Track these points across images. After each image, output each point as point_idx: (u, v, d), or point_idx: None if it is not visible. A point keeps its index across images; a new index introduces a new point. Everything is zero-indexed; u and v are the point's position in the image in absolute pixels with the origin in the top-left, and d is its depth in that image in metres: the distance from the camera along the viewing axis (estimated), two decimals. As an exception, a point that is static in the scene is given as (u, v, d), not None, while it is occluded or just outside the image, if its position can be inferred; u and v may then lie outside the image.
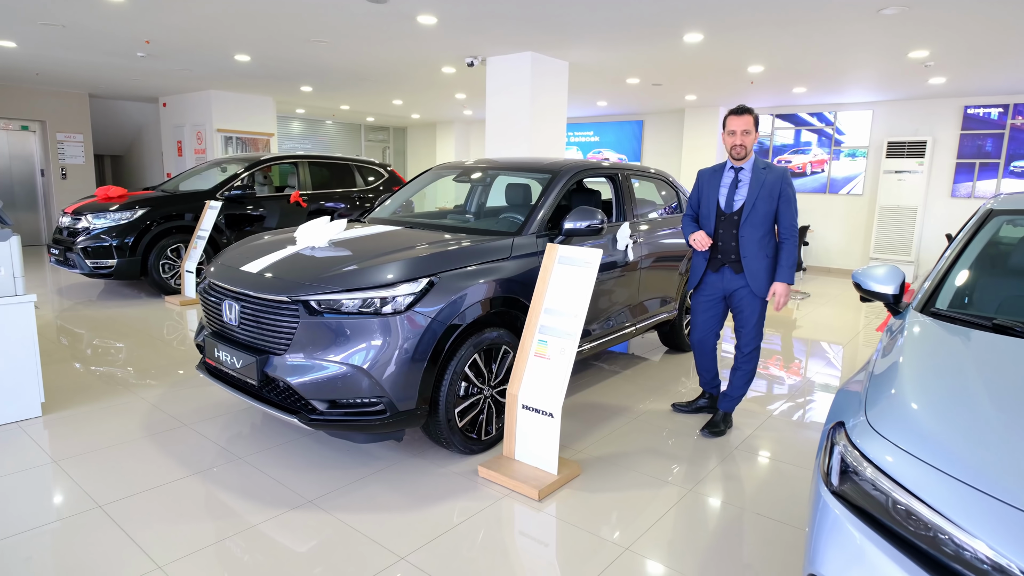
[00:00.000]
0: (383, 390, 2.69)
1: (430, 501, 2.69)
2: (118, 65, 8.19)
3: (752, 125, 3.22)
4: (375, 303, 2.73)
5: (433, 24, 5.64)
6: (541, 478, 2.80)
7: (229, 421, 3.48)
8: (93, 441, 3.18)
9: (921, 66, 6.87)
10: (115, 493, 2.68)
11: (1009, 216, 2.60)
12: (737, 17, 5.19)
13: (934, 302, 2.30)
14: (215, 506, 2.60)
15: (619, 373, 4.54)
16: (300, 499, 2.67)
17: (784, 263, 3.29)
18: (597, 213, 3.43)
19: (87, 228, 6.37)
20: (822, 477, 1.64)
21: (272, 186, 7.88)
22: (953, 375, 1.79)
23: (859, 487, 1.51)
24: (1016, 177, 8.75)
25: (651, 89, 9.12)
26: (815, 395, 4.24)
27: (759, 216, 3.26)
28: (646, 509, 2.68)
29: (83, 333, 5.20)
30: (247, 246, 3.45)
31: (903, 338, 2.06)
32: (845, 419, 1.70)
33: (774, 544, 2.46)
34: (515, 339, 3.21)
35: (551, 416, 2.80)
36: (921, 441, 1.48)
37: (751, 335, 3.43)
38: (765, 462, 3.19)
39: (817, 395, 4.24)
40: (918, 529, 1.37)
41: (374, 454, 3.11)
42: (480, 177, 4.64)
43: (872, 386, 1.79)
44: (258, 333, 2.86)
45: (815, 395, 4.24)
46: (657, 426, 3.60)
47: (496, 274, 3.12)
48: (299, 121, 14.53)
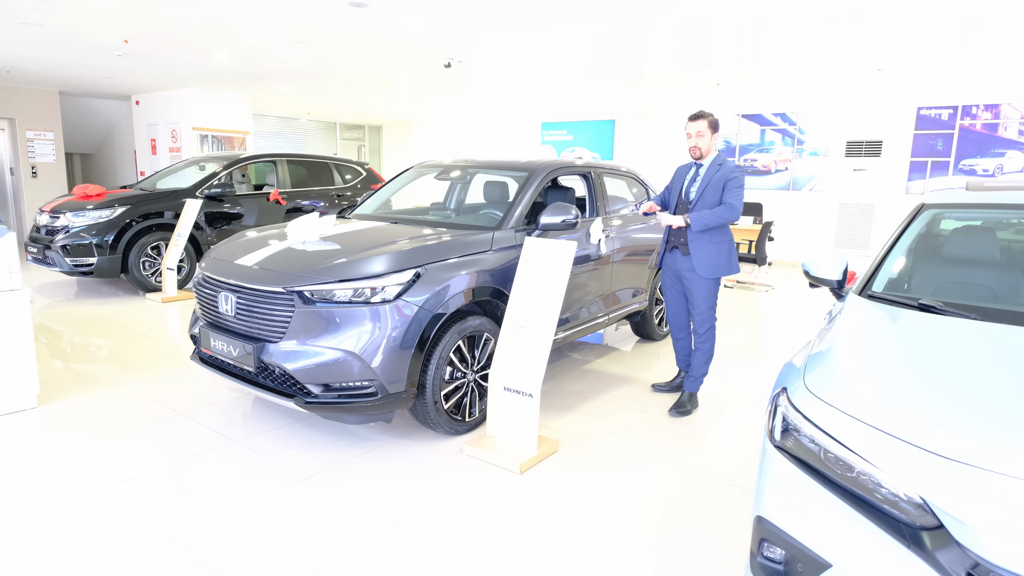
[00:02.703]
0: (374, 373, 2.89)
1: (419, 475, 2.90)
2: (94, 64, 8.19)
3: (705, 128, 3.60)
4: (365, 292, 2.93)
5: (411, 26, 5.82)
6: (522, 454, 3.03)
7: (222, 409, 3.63)
8: (92, 429, 3.31)
9: (874, 71, 7.28)
10: (120, 475, 2.83)
11: (937, 209, 2.91)
12: (700, 23, 5.48)
13: (871, 286, 2.59)
14: (218, 484, 2.77)
15: (593, 362, 4.80)
16: (297, 476, 2.86)
17: (704, 214, 3.55)
18: (571, 209, 3.67)
19: (66, 226, 6.40)
20: (767, 434, 1.90)
21: (251, 184, 7.97)
22: (880, 345, 2.07)
23: (798, 441, 1.77)
24: (965, 175, 9.25)
25: (622, 90, 9.42)
26: (771, 376, 4.54)
27: (706, 204, 3.61)
28: (619, 480, 2.93)
29: (66, 331, 5.27)
30: (240, 241, 3.61)
31: (840, 316, 2.33)
32: (787, 385, 1.97)
33: (742, 510, 2.73)
34: (496, 327, 3.43)
35: (530, 396, 3.03)
36: (849, 400, 1.74)
37: (703, 316, 3.74)
38: (729, 437, 3.46)
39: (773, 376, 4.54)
40: (845, 472, 1.63)
41: (365, 436, 3.30)
42: (460, 175, 4.85)
43: (811, 356, 2.06)
44: (254, 322, 3.03)
45: (771, 376, 4.54)
46: (629, 407, 3.85)
47: (478, 266, 3.34)
48: (274, 119, 14.52)
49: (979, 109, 9.07)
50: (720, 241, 3.69)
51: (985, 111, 9.05)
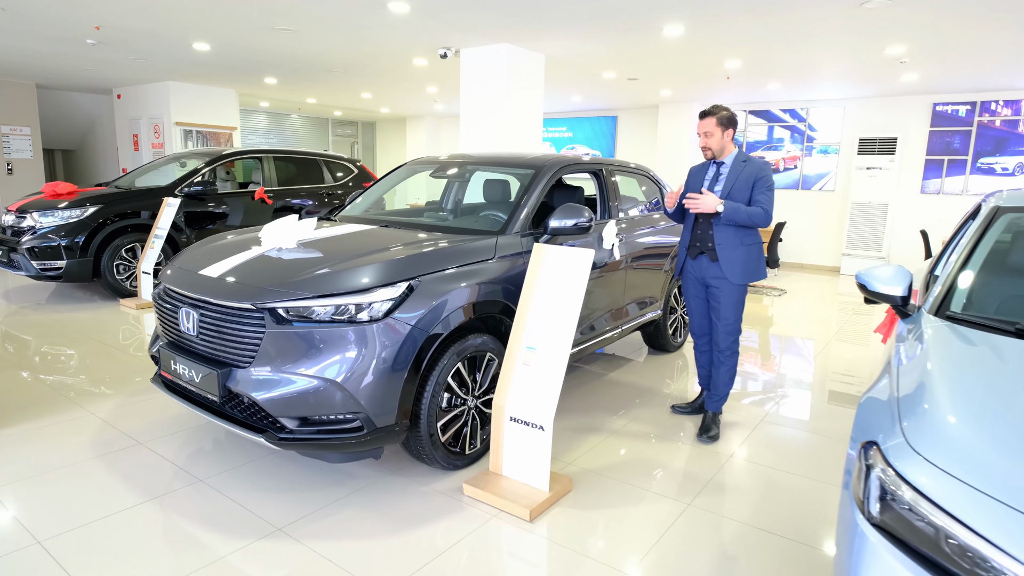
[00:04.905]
0: (359, 405, 2.46)
1: (412, 525, 2.48)
2: (67, 53, 7.71)
3: (713, 126, 3.28)
4: (350, 310, 2.50)
5: (406, 12, 5.38)
6: (532, 496, 2.61)
7: (188, 437, 3.20)
8: (37, 464, 2.88)
9: (896, 63, 6.88)
10: (58, 526, 2.40)
11: (1016, 213, 2.50)
12: (719, 9, 5.07)
13: (948, 305, 2.18)
14: (173, 538, 2.34)
15: (603, 376, 4.38)
16: (269, 527, 2.43)
17: (738, 206, 3.19)
18: (584, 211, 3.26)
19: (33, 227, 5.95)
20: (856, 504, 1.49)
21: (235, 182, 7.51)
22: (988, 386, 1.66)
23: (902, 517, 1.36)
24: (983, 173, 8.88)
25: (627, 84, 9.00)
26: (800, 394, 4.14)
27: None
28: (645, 528, 2.52)
29: (30, 340, 4.82)
30: (207, 247, 3.17)
31: (923, 345, 1.92)
32: (878, 438, 1.55)
33: (782, 563, 2.32)
34: (499, 345, 3.01)
35: (542, 429, 2.61)
36: (972, 466, 1.33)
37: (730, 327, 3.38)
38: (761, 470, 3.05)
39: (802, 394, 4.15)
40: (973, 568, 1.22)
41: (349, 472, 2.88)
42: (458, 173, 4.42)
43: (903, 399, 1.64)
44: (219, 344, 2.60)
45: (800, 394, 4.14)
46: (647, 433, 3.44)
47: (479, 276, 2.91)
48: (263, 115, 14.05)
49: (999, 105, 8.70)
50: (751, 244, 3.33)
51: (1005, 107, 8.67)
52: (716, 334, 3.44)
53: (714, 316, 3.42)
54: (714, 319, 3.43)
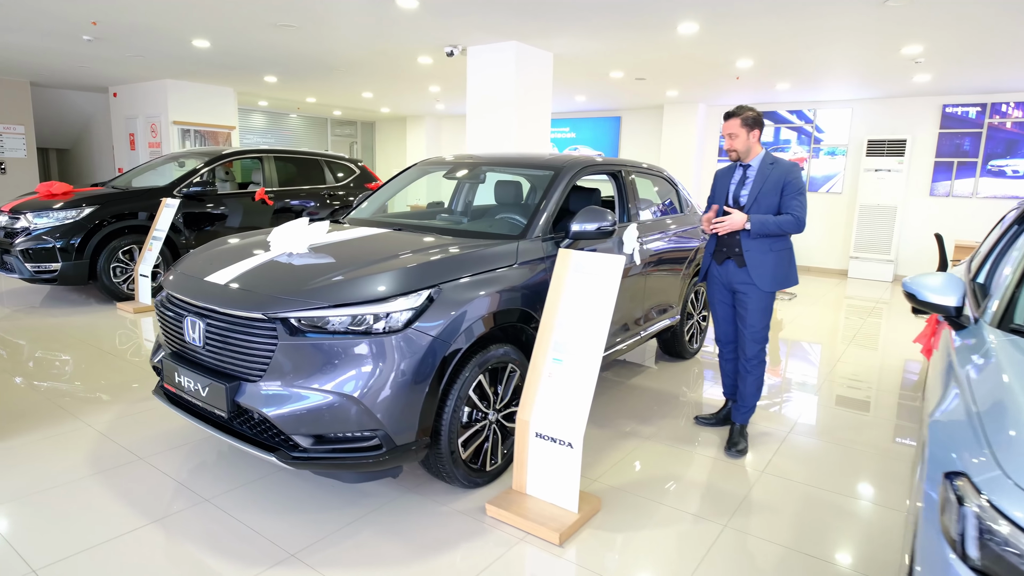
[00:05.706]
0: (378, 421, 2.31)
1: (433, 550, 2.32)
2: (62, 50, 7.53)
3: (737, 127, 3.17)
4: (367, 320, 2.34)
5: (414, 8, 5.23)
6: (560, 517, 2.46)
7: (191, 451, 3.03)
8: (30, 482, 2.71)
9: (911, 63, 6.76)
10: (55, 551, 2.23)
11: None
12: (737, 7, 4.93)
13: (1011, 317, 2.04)
14: (180, 565, 2.18)
15: (619, 383, 4.23)
16: (281, 552, 2.27)
17: (766, 218, 3.08)
18: (607, 214, 3.11)
19: (27, 228, 5.76)
20: (948, 543, 1.34)
21: (235, 182, 7.33)
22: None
23: (1009, 563, 1.21)
24: (993, 176, 8.78)
25: (633, 84, 8.86)
26: (824, 403, 4.00)
27: (762, 210, 3.16)
28: (683, 552, 2.36)
29: (23, 345, 4.64)
30: (212, 252, 3.00)
31: (995, 361, 1.78)
32: (967, 469, 1.40)
33: (830, 591, 2.17)
34: (521, 356, 2.85)
35: (570, 446, 2.46)
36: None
37: (756, 336, 3.25)
38: (796, 487, 2.91)
39: (826, 402, 4.00)
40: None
41: (365, 491, 2.72)
42: (472, 174, 4.26)
43: (987, 423, 1.50)
44: (227, 356, 2.43)
45: (824, 403, 4.00)
46: (671, 446, 3.29)
47: (501, 283, 2.76)
48: (262, 114, 13.87)
49: (1010, 107, 8.59)
50: (780, 249, 3.20)
51: (1016, 109, 8.57)
52: (742, 341, 3.31)
53: (740, 323, 3.30)
54: (740, 326, 3.30)
